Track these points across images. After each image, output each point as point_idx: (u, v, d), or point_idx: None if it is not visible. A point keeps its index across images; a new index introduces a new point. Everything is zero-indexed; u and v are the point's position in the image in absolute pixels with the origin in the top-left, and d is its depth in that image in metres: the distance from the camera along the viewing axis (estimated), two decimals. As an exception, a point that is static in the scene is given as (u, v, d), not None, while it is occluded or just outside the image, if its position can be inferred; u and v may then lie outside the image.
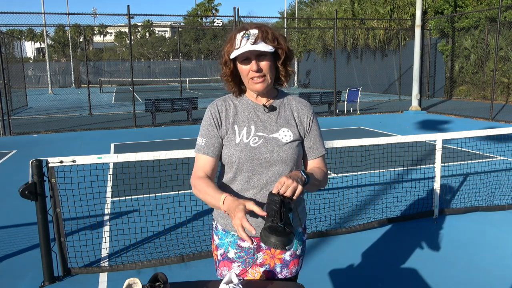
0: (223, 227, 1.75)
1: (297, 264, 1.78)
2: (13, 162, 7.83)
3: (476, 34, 18.31)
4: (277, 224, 1.37)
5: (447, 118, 13.17)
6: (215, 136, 1.67)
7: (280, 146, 1.64)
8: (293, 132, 1.68)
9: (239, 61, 1.60)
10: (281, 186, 1.43)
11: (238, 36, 1.57)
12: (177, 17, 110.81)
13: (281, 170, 1.64)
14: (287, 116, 1.70)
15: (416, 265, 3.49)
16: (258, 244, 1.73)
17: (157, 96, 16.07)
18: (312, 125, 1.74)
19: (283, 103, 1.73)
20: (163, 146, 9.08)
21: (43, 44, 54.08)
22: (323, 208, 4.63)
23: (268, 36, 1.56)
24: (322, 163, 1.76)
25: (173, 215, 4.37)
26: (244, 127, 1.66)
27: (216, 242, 1.78)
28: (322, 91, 16.87)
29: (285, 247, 1.35)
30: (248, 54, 1.55)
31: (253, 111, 1.69)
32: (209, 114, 1.70)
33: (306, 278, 3.23)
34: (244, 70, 1.59)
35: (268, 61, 1.58)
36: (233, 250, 1.73)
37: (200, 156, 1.69)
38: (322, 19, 28.92)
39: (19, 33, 42.75)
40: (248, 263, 1.72)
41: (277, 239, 1.33)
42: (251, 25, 1.58)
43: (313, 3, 36.39)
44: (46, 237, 3.28)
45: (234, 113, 1.69)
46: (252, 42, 1.53)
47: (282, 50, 1.60)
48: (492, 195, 5.18)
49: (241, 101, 1.71)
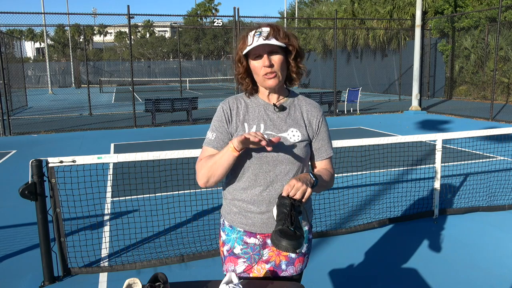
0: (229, 223, 1.78)
1: (302, 262, 1.80)
2: (13, 162, 7.83)
3: (476, 34, 18.30)
4: (288, 227, 1.41)
5: (447, 118, 13.17)
6: (225, 132, 1.71)
7: (288, 146, 1.66)
8: (301, 132, 1.70)
9: (251, 58, 1.63)
10: (291, 188, 1.45)
11: (250, 33, 1.62)
12: (177, 17, 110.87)
13: (288, 169, 1.66)
14: (296, 117, 1.73)
15: (416, 265, 3.49)
16: (264, 241, 1.75)
17: (157, 96, 16.07)
18: (321, 126, 1.76)
19: (293, 104, 1.76)
20: (163, 146, 9.08)
21: (43, 44, 54.07)
22: (323, 208, 4.63)
23: (279, 34, 1.61)
24: (329, 164, 1.79)
25: (173, 215, 4.37)
26: (254, 125, 1.69)
27: (223, 238, 1.81)
28: (322, 91, 16.87)
29: (295, 251, 1.38)
30: (260, 50, 1.59)
31: (263, 110, 1.72)
32: (221, 111, 1.74)
33: (306, 278, 3.23)
34: (256, 67, 1.63)
35: (279, 56, 1.62)
36: (239, 246, 1.75)
37: (208, 149, 1.71)
38: (322, 19, 28.93)
39: (19, 33, 42.75)
40: (253, 259, 1.74)
41: (288, 243, 1.37)
42: (263, 24, 1.64)
43: (313, 3, 36.40)
44: (46, 237, 3.28)
45: (245, 111, 1.72)
46: (264, 38, 1.57)
47: (293, 47, 1.64)
48: (492, 195, 5.18)
49: (252, 100, 1.75)
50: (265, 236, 1.74)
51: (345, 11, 26.12)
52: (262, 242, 1.74)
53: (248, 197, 1.69)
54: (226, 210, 1.79)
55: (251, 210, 1.70)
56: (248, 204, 1.70)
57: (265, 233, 1.72)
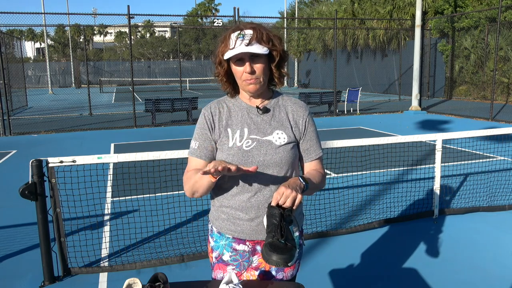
0: (218, 229, 1.73)
1: (293, 268, 1.75)
2: (13, 162, 7.83)
3: (476, 34, 18.30)
4: (278, 240, 1.36)
5: (447, 118, 13.17)
6: (208, 140, 1.66)
7: (273, 149, 1.61)
8: (287, 134, 1.64)
9: (232, 62, 1.58)
10: (280, 197, 1.40)
11: (232, 36, 1.55)
12: (177, 17, 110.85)
13: (275, 173, 1.61)
14: (281, 118, 1.67)
15: (416, 265, 3.49)
16: (253, 247, 1.71)
17: (157, 96, 16.07)
18: (308, 126, 1.70)
19: (277, 105, 1.70)
20: (163, 146, 9.08)
21: (43, 44, 54.02)
22: (323, 209, 4.63)
23: (263, 37, 1.54)
24: (319, 165, 1.73)
25: (173, 215, 4.37)
26: (237, 130, 1.63)
27: (211, 244, 1.77)
28: (322, 91, 16.86)
29: (287, 264, 1.34)
30: (242, 55, 1.53)
31: (246, 114, 1.66)
32: (202, 118, 1.69)
33: (306, 278, 3.23)
34: (237, 72, 1.58)
35: (262, 63, 1.56)
36: (228, 253, 1.71)
37: (193, 159, 1.68)
38: (322, 19, 28.92)
39: (19, 33, 42.72)
40: (243, 266, 1.71)
41: (278, 257, 1.33)
42: (245, 25, 1.56)
43: (313, 3, 36.38)
44: (46, 237, 3.28)
45: (227, 116, 1.66)
46: (247, 43, 1.51)
47: (276, 51, 1.58)
48: (493, 195, 5.18)
49: (235, 103, 1.69)
50: (255, 243, 1.70)
51: (345, 11, 26.11)
52: (252, 249, 1.70)
53: (236, 204, 1.64)
54: (214, 216, 1.74)
55: (239, 217, 1.65)
56: (236, 211, 1.65)
57: (255, 239, 1.68)
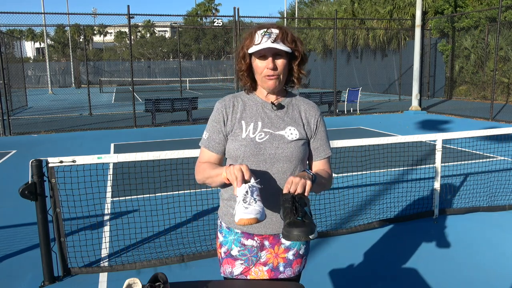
0: (227, 225, 1.77)
1: (300, 264, 1.79)
2: (13, 162, 7.82)
3: (476, 34, 18.30)
4: (295, 218, 1.40)
5: (447, 118, 13.17)
6: (218, 132, 1.72)
7: (285, 143, 1.66)
8: (299, 131, 1.70)
9: (256, 57, 1.64)
10: (290, 185, 1.45)
11: (258, 32, 1.62)
12: (177, 17, 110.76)
13: (285, 167, 1.66)
14: (294, 116, 1.73)
15: (416, 265, 3.49)
16: (261, 242, 1.74)
17: (157, 96, 16.06)
18: (319, 126, 1.76)
19: (291, 103, 1.76)
20: (163, 146, 9.08)
21: (43, 44, 54.04)
22: (323, 209, 4.62)
23: (287, 38, 1.62)
24: (327, 165, 1.79)
25: (173, 215, 4.37)
26: (251, 122, 1.70)
27: (220, 239, 1.81)
28: (322, 91, 16.86)
29: (308, 236, 1.36)
30: (266, 51, 1.60)
31: (261, 108, 1.73)
32: (217, 110, 1.75)
33: (307, 278, 3.23)
34: (259, 67, 1.64)
35: (284, 60, 1.63)
36: (237, 248, 1.75)
37: (205, 151, 1.76)
38: (322, 19, 28.92)
39: (19, 33, 42.73)
40: (251, 261, 1.74)
41: (299, 230, 1.35)
42: (272, 25, 1.64)
43: (313, 3, 36.40)
44: (46, 237, 3.28)
45: (242, 109, 1.73)
46: (272, 40, 1.58)
47: (298, 52, 1.65)
48: (493, 195, 5.18)
49: (250, 98, 1.76)
50: (263, 238, 1.73)
51: (345, 11, 26.11)
52: (260, 244, 1.74)
53: None
54: (223, 211, 1.79)
55: None
56: None
57: (263, 234, 1.72)
